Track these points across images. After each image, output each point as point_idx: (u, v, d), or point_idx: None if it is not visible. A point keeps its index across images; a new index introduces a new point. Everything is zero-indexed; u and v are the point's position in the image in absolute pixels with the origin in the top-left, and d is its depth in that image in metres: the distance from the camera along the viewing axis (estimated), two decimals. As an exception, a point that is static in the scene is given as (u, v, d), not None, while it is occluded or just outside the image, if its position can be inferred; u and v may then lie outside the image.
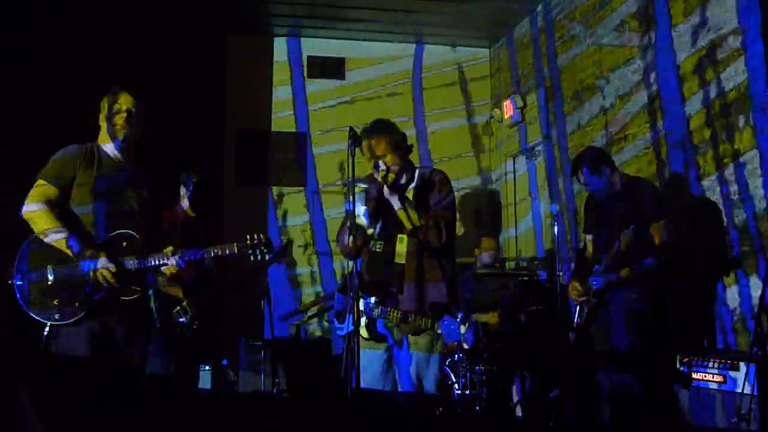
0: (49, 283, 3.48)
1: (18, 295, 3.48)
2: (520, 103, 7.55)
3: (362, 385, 3.51)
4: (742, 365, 4.00)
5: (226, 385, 5.91)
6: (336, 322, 4.18)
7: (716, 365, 4.17)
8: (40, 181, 3.57)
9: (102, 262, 3.48)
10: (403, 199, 3.91)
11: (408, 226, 3.89)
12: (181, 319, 4.60)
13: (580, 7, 6.64)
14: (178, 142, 6.64)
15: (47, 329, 3.49)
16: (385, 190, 3.90)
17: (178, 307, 4.60)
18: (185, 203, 5.05)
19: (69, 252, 3.49)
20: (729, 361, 4.11)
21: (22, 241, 3.56)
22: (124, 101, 3.69)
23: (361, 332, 3.78)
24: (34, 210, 3.52)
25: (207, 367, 5.72)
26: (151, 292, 4.25)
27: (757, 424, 3.81)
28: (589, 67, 6.48)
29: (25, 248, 3.54)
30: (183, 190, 5.06)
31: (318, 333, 7.42)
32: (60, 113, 6.39)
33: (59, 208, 3.55)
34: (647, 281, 4.52)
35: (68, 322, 3.46)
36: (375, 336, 3.94)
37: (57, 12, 6.76)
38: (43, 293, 3.47)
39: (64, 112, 6.35)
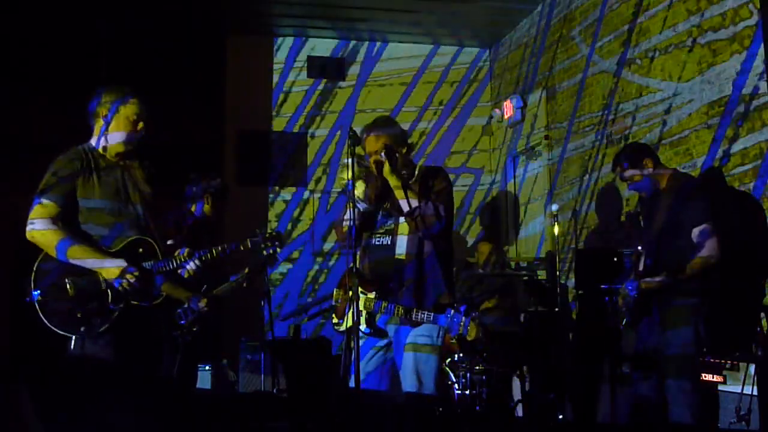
0: (70, 296, 3.41)
1: (40, 311, 3.39)
2: (520, 103, 7.55)
3: (361, 383, 3.52)
4: (742, 365, 4.00)
5: (226, 385, 5.90)
6: (334, 319, 4.18)
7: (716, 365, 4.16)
8: (42, 201, 3.45)
9: (123, 270, 3.44)
10: (400, 175, 3.93)
11: (401, 196, 3.89)
12: (181, 321, 4.61)
13: (580, 7, 6.64)
14: (178, 143, 6.63)
15: (73, 340, 3.42)
16: (383, 159, 3.91)
17: (179, 310, 4.60)
18: (199, 205, 5.06)
19: (94, 265, 3.43)
20: (729, 361, 4.10)
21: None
22: (134, 109, 3.60)
23: (361, 327, 3.79)
24: (41, 231, 3.44)
25: (207, 367, 5.71)
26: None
27: (757, 424, 3.80)
28: (589, 66, 6.48)
29: (41, 263, 3.46)
30: (193, 192, 5.07)
31: (318, 333, 7.42)
32: (59, 114, 6.39)
33: (66, 224, 3.47)
34: (688, 286, 4.28)
35: (94, 334, 3.41)
36: (376, 331, 3.94)
37: (57, 12, 6.75)
38: (66, 307, 3.41)
39: (63, 113, 6.34)
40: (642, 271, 4.38)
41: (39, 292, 3.40)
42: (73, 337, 3.42)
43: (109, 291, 3.44)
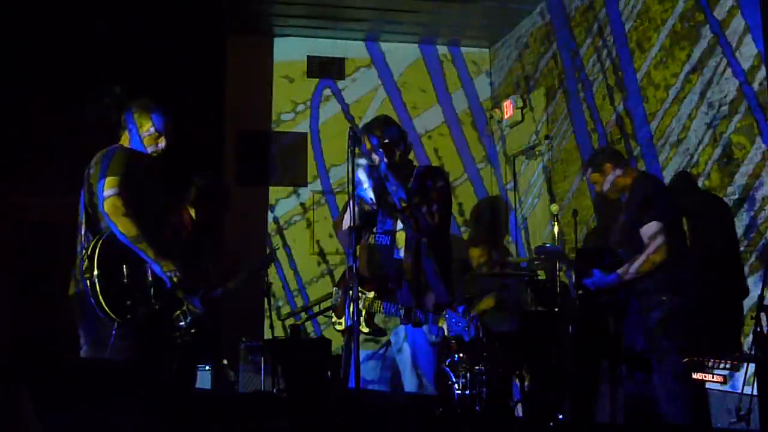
0: (124, 282, 3.55)
1: (99, 291, 3.49)
2: (520, 103, 7.55)
3: (361, 383, 3.52)
4: (742, 365, 4.00)
5: (226, 385, 5.91)
6: (334, 318, 4.18)
7: (716, 365, 4.16)
8: (108, 176, 3.59)
9: (173, 268, 3.63)
10: (398, 177, 3.93)
11: (402, 203, 3.90)
12: (180, 323, 4.61)
13: (580, 7, 6.64)
14: (177, 143, 6.63)
15: (115, 328, 3.54)
16: (383, 163, 3.92)
17: (178, 311, 4.61)
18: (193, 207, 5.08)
19: (151, 256, 3.59)
20: (729, 361, 4.10)
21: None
22: (156, 125, 3.83)
23: (360, 327, 3.80)
24: (114, 200, 3.56)
25: (207, 367, 5.72)
26: None
27: (757, 424, 3.80)
28: (589, 66, 6.48)
29: (102, 246, 3.57)
30: (191, 193, 5.09)
31: (319, 333, 7.43)
32: (59, 114, 6.40)
33: (134, 208, 3.61)
34: (644, 284, 4.40)
35: (136, 323, 3.56)
36: (374, 330, 3.95)
37: (57, 12, 6.75)
38: (118, 292, 3.54)
39: (63, 113, 6.35)
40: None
41: (99, 272, 3.50)
42: (115, 326, 3.53)
43: (153, 286, 3.61)
